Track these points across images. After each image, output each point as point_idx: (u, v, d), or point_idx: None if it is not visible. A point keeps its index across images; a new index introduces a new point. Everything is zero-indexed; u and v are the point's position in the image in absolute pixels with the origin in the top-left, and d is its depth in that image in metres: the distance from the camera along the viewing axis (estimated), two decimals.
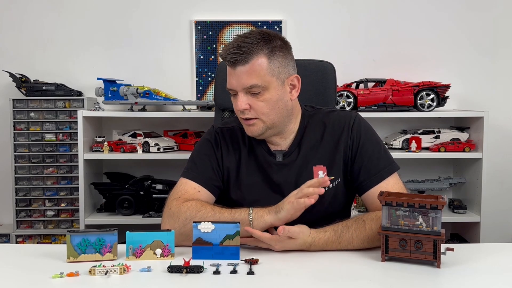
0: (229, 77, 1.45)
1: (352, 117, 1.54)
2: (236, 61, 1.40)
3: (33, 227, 2.93)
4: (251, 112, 1.44)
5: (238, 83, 1.42)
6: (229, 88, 1.46)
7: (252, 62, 1.40)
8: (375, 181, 1.46)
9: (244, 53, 1.39)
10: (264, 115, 1.44)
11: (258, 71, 1.40)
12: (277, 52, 1.43)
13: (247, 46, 1.39)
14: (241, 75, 1.41)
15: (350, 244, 1.33)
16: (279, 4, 3.06)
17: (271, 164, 1.52)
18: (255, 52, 1.40)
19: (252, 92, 1.42)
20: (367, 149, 1.50)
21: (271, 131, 1.48)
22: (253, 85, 1.41)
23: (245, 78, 1.41)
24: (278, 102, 1.45)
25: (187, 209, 1.38)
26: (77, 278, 1.14)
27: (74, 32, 3.05)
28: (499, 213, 3.11)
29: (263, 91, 1.42)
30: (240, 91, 1.42)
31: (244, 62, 1.40)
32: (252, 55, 1.40)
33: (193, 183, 1.48)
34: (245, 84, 1.41)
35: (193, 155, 1.57)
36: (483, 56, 3.11)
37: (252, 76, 1.40)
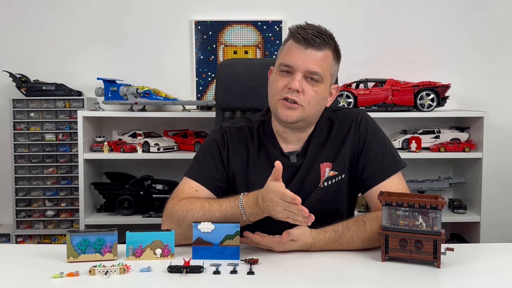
0: (291, 54, 1.41)
1: (359, 114, 1.54)
2: (314, 42, 1.39)
3: (33, 227, 2.93)
4: (300, 97, 1.41)
5: (304, 64, 1.39)
6: (287, 64, 1.41)
7: (326, 51, 1.42)
8: (379, 178, 1.46)
9: (321, 39, 1.40)
10: (309, 105, 1.42)
11: (325, 62, 1.42)
12: (338, 55, 1.48)
13: (327, 35, 1.41)
14: (310, 57, 1.39)
15: (350, 245, 1.33)
16: (279, 4, 3.06)
17: (286, 166, 1.49)
18: (329, 44, 1.42)
19: (312, 77, 1.41)
20: (373, 146, 1.50)
21: (302, 123, 1.46)
22: (317, 72, 1.40)
23: (314, 62, 1.40)
24: (323, 100, 1.46)
25: (179, 209, 1.38)
26: (77, 278, 1.14)
27: (74, 32, 3.05)
28: (499, 213, 3.11)
29: (319, 83, 1.42)
30: (300, 72, 1.40)
31: (320, 47, 1.40)
32: (326, 45, 1.41)
33: (193, 182, 1.47)
34: (310, 68, 1.40)
35: (198, 154, 1.55)
36: (483, 56, 3.11)
37: (320, 64, 1.40)
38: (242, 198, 1.34)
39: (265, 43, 3.05)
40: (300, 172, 1.50)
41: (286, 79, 1.42)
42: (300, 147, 1.52)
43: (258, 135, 1.55)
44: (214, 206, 1.35)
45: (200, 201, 1.38)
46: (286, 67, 1.42)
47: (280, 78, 1.43)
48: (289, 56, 1.41)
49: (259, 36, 3.05)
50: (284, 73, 1.43)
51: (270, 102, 1.48)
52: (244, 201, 1.33)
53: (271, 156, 1.51)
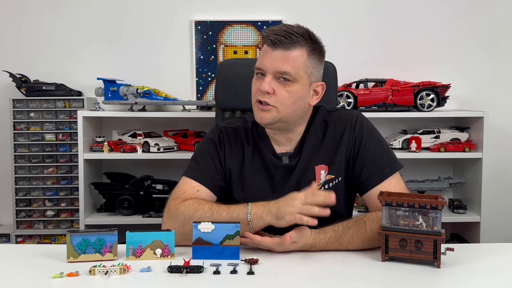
0: (262, 57, 1.43)
1: (354, 116, 1.53)
2: (280, 42, 1.38)
3: (33, 227, 2.93)
4: (272, 98, 1.41)
5: (272, 65, 1.40)
6: (259, 67, 1.43)
7: (294, 50, 1.40)
8: (376, 180, 1.46)
9: (289, 38, 1.39)
10: (282, 105, 1.42)
11: (295, 61, 1.41)
12: (316, 53, 1.45)
13: (295, 34, 1.40)
14: (278, 58, 1.40)
15: (350, 245, 1.33)
16: (279, 4, 3.06)
17: (278, 166, 1.51)
18: (299, 43, 1.41)
19: (283, 77, 1.40)
20: (369, 148, 1.49)
21: (280, 124, 1.46)
22: (286, 72, 1.40)
23: (281, 63, 1.40)
24: (300, 100, 1.45)
25: (185, 209, 1.37)
26: (77, 278, 1.14)
27: (74, 32, 3.05)
28: (499, 213, 3.11)
29: (292, 82, 1.41)
30: (270, 73, 1.40)
31: (286, 47, 1.39)
32: (296, 45, 1.40)
33: (193, 182, 1.47)
34: (278, 68, 1.40)
35: (196, 153, 1.56)
36: (483, 56, 3.11)
37: (289, 63, 1.40)
38: (251, 203, 1.35)
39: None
40: (294, 174, 1.50)
41: (259, 81, 1.43)
42: (293, 148, 1.52)
43: (253, 135, 1.55)
44: (223, 209, 1.36)
45: (209, 203, 1.39)
46: (259, 70, 1.44)
47: (256, 82, 1.45)
48: (261, 59, 1.43)
49: (259, 36, 3.05)
50: (259, 75, 1.44)
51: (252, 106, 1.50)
52: (252, 204, 1.34)
53: (264, 157, 1.52)
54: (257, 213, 1.32)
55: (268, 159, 1.52)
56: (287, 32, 1.39)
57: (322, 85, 1.51)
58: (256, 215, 1.32)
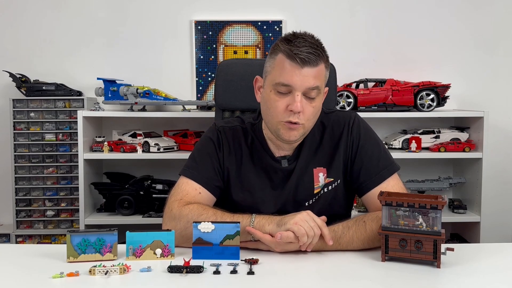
0: (288, 73, 1.36)
1: (351, 118, 1.53)
2: (310, 60, 1.35)
3: (33, 227, 2.93)
4: (301, 117, 1.39)
5: (303, 82, 1.36)
6: (285, 84, 1.37)
7: (320, 66, 1.39)
8: (375, 182, 1.46)
9: (316, 55, 1.36)
10: (309, 120, 1.41)
11: (321, 76, 1.40)
12: (328, 64, 1.44)
13: (319, 50, 1.38)
14: (308, 76, 1.36)
15: (350, 245, 1.33)
16: (279, 4, 3.06)
17: (277, 170, 1.50)
18: (322, 57, 1.39)
19: (310, 95, 1.38)
20: (367, 150, 1.49)
21: (300, 138, 1.46)
22: (317, 87, 1.38)
23: (312, 80, 1.36)
24: (319, 110, 1.45)
25: (189, 212, 1.37)
26: (77, 278, 1.14)
27: (74, 32, 3.05)
28: (499, 213, 3.11)
29: (317, 96, 1.40)
30: (300, 91, 1.36)
31: (315, 64, 1.36)
32: (320, 59, 1.38)
33: (194, 184, 1.47)
34: (310, 85, 1.36)
35: (194, 153, 1.55)
36: (483, 56, 3.11)
37: (317, 79, 1.38)
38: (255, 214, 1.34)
39: (265, 43, 3.06)
40: (293, 177, 1.50)
41: (285, 99, 1.38)
42: (292, 152, 1.52)
43: (251, 137, 1.55)
44: (227, 216, 1.36)
45: (212, 210, 1.39)
46: (285, 87, 1.37)
47: (279, 99, 1.39)
48: (286, 76, 1.37)
49: (259, 36, 3.05)
50: (282, 94, 1.39)
51: (269, 120, 1.44)
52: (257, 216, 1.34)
53: (263, 160, 1.51)
54: (260, 222, 1.32)
55: (267, 162, 1.51)
56: (312, 48, 1.36)
57: (327, 90, 1.50)
58: (259, 224, 1.32)
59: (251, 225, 1.32)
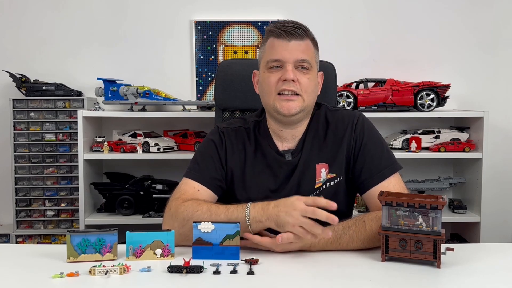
0: (276, 49, 1.44)
1: (355, 116, 1.55)
2: (296, 33, 1.44)
3: (33, 227, 2.93)
4: (297, 86, 1.44)
5: (292, 54, 1.43)
6: (275, 59, 1.44)
7: (307, 41, 1.47)
8: (376, 180, 1.46)
9: (300, 29, 1.45)
10: (306, 93, 1.46)
11: (309, 50, 1.47)
12: (317, 46, 1.53)
13: (303, 27, 1.47)
14: (296, 48, 1.44)
15: (350, 245, 1.33)
16: (279, 4, 3.06)
17: (282, 164, 1.51)
18: (308, 35, 1.48)
19: (302, 66, 1.45)
20: (370, 148, 1.50)
21: (302, 114, 1.48)
22: (306, 60, 1.45)
23: (300, 52, 1.44)
24: (316, 87, 1.51)
25: (185, 209, 1.37)
26: (77, 278, 1.14)
27: (74, 32, 3.05)
28: (499, 213, 3.11)
29: (310, 69, 1.46)
30: (290, 62, 1.43)
31: (301, 37, 1.45)
32: (307, 36, 1.47)
33: (194, 183, 1.47)
34: (299, 57, 1.44)
35: (196, 155, 1.56)
36: (483, 56, 3.11)
37: (306, 53, 1.46)
38: (250, 204, 1.34)
39: None
40: (296, 171, 1.50)
41: (278, 73, 1.45)
42: (295, 145, 1.53)
43: (254, 135, 1.56)
44: (221, 209, 1.35)
45: (207, 204, 1.39)
46: (275, 62, 1.45)
47: (271, 74, 1.46)
48: (275, 51, 1.45)
49: (259, 36, 3.05)
50: (274, 68, 1.46)
51: (266, 101, 1.50)
52: (251, 206, 1.33)
53: (267, 155, 1.52)
54: (256, 217, 1.31)
55: (272, 157, 1.52)
56: (297, 24, 1.46)
57: (322, 74, 1.57)
58: (255, 219, 1.31)
59: (246, 221, 1.31)
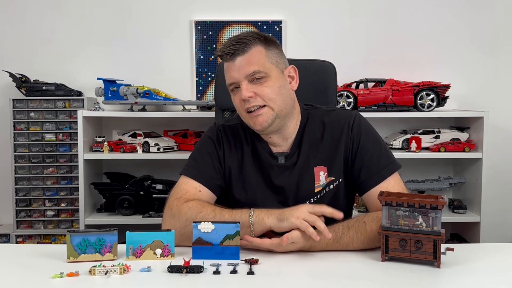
0: (228, 73, 1.45)
1: (352, 116, 1.53)
2: (236, 51, 1.42)
3: (33, 227, 2.93)
4: (258, 100, 1.43)
5: (240, 72, 1.42)
6: (230, 82, 1.46)
7: (251, 50, 1.43)
8: (376, 181, 1.46)
9: (242, 44, 1.43)
10: (271, 100, 1.43)
11: (258, 58, 1.43)
12: (272, 44, 1.48)
13: (244, 39, 1.44)
14: (242, 65, 1.42)
15: (350, 245, 1.33)
16: (279, 4, 3.06)
17: (273, 166, 1.51)
18: (252, 42, 1.44)
19: (256, 77, 1.42)
20: (368, 148, 1.49)
21: (279, 121, 1.46)
22: (256, 71, 1.42)
23: (247, 66, 1.42)
24: (282, 88, 1.46)
25: (188, 210, 1.37)
26: (77, 278, 1.14)
27: (74, 32, 3.05)
28: (499, 213, 3.11)
29: (265, 77, 1.43)
30: (242, 80, 1.42)
31: (243, 51, 1.43)
32: (250, 45, 1.44)
33: (194, 182, 1.47)
34: (247, 72, 1.42)
35: (194, 152, 1.56)
36: (483, 56, 3.11)
37: (253, 63, 1.43)
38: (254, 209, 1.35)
39: None
40: (293, 174, 1.50)
41: (239, 94, 1.45)
42: (289, 147, 1.52)
43: (250, 134, 1.56)
44: (225, 212, 1.37)
45: (212, 206, 1.40)
46: (232, 85, 1.46)
47: (235, 96, 1.47)
48: (228, 76, 1.46)
49: None
50: (235, 90, 1.46)
51: (243, 120, 1.51)
52: (256, 209, 1.35)
53: (261, 156, 1.52)
54: (259, 216, 1.32)
55: (265, 159, 1.52)
56: (237, 40, 1.44)
57: (293, 67, 1.53)
58: (258, 218, 1.32)
59: (250, 220, 1.32)
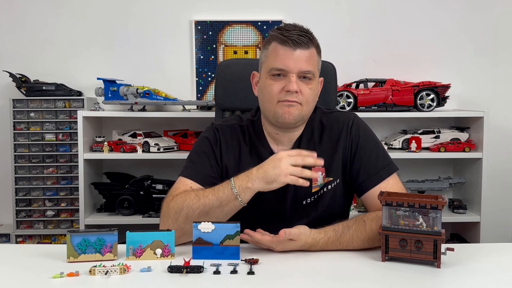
0: (281, 58, 1.42)
1: (350, 118, 1.54)
2: (302, 42, 1.41)
3: (33, 227, 2.93)
4: (299, 97, 1.43)
5: (296, 65, 1.41)
6: (279, 68, 1.42)
7: (312, 49, 1.45)
8: (374, 182, 1.46)
9: (307, 38, 1.43)
10: (307, 102, 1.45)
11: (314, 60, 1.46)
12: (320, 52, 1.51)
13: (309, 34, 1.45)
14: (301, 58, 1.42)
15: (350, 245, 1.33)
16: (279, 4, 3.06)
17: None
18: (313, 42, 1.46)
19: (306, 76, 1.43)
20: (366, 150, 1.50)
21: (300, 122, 1.48)
22: (311, 71, 1.43)
23: (305, 62, 1.42)
24: (316, 96, 1.50)
25: (174, 203, 1.38)
26: (77, 278, 1.14)
27: (74, 32, 3.05)
28: (499, 213, 3.11)
29: (312, 80, 1.45)
30: (295, 73, 1.42)
31: (307, 46, 1.43)
32: (312, 44, 1.45)
33: (187, 180, 1.47)
34: (304, 68, 1.42)
35: (191, 153, 1.56)
36: (483, 56, 3.11)
37: (311, 63, 1.44)
38: (232, 178, 1.36)
39: None
40: None
41: (281, 82, 1.43)
42: (290, 148, 1.52)
43: (249, 134, 1.56)
44: (208, 191, 1.37)
45: (194, 191, 1.40)
46: (279, 71, 1.43)
47: (274, 82, 1.44)
48: (279, 60, 1.42)
49: (259, 36, 3.05)
50: (277, 77, 1.44)
51: (266, 107, 1.48)
52: (235, 178, 1.35)
53: (261, 156, 1.52)
54: (242, 185, 1.33)
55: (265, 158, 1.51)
56: (302, 31, 1.43)
57: (322, 80, 1.56)
58: (241, 187, 1.33)
59: (234, 193, 1.33)
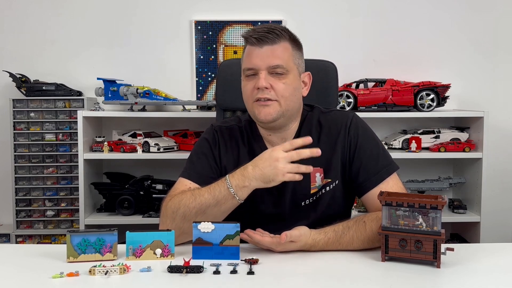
0: (250, 57, 1.44)
1: (349, 117, 1.53)
2: (266, 39, 1.42)
3: (33, 227, 2.93)
4: (271, 93, 1.42)
5: (263, 61, 1.42)
6: (248, 67, 1.44)
7: (280, 43, 1.44)
8: (374, 182, 1.45)
9: (273, 34, 1.43)
10: (283, 98, 1.43)
11: (284, 53, 1.44)
12: (298, 46, 1.50)
13: (276, 30, 1.44)
14: (267, 54, 1.42)
15: (350, 245, 1.33)
16: (279, 4, 3.06)
17: None
18: (283, 36, 1.45)
19: (276, 72, 1.42)
20: (365, 149, 1.49)
21: (282, 120, 1.46)
22: (279, 65, 1.42)
23: (272, 58, 1.42)
24: (296, 90, 1.47)
25: (172, 203, 1.39)
26: (77, 278, 1.14)
27: (74, 32, 3.05)
28: (499, 213, 3.11)
29: (285, 74, 1.44)
30: (263, 69, 1.42)
31: (273, 42, 1.43)
32: (281, 38, 1.44)
33: (186, 181, 1.48)
34: (271, 63, 1.42)
35: (191, 154, 1.57)
36: (483, 56, 3.11)
37: (279, 57, 1.43)
38: (228, 175, 1.36)
39: None
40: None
41: (253, 81, 1.44)
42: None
43: (247, 135, 1.56)
44: (204, 190, 1.37)
45: (190, 190, 1.41)
46: (250, 70, 1.45)
47: (248, 83, 1.45)
48: (249, 60, 1.44)
49: None
50: (250, 76, 1.45)
51: (247, 108, 1.50)
52: (230, 176, 1.35)
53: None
54: (238, 184, 1.33)
55: None
56: (269, 29, 1.43)
57: (309, 74, 1.54)
58: (238, 186, 1.33)
59: (231, 191, 1.33)
